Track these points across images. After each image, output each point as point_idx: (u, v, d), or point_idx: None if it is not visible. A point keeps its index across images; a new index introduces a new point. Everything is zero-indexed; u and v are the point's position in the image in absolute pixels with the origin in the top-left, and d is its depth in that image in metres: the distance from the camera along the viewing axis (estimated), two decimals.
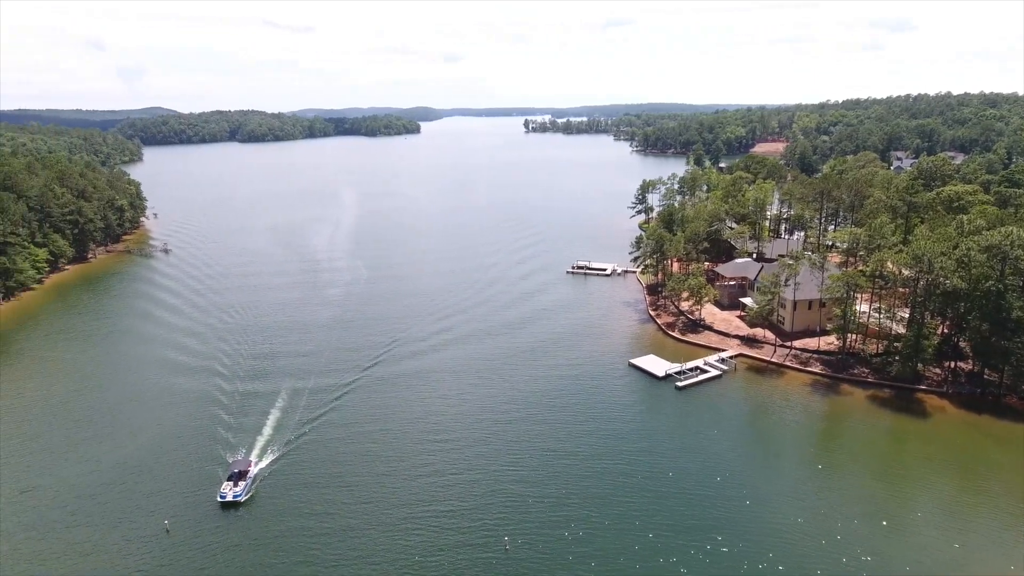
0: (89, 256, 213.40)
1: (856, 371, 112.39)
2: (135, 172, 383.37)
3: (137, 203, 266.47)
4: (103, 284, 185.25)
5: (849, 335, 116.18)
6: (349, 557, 69.41)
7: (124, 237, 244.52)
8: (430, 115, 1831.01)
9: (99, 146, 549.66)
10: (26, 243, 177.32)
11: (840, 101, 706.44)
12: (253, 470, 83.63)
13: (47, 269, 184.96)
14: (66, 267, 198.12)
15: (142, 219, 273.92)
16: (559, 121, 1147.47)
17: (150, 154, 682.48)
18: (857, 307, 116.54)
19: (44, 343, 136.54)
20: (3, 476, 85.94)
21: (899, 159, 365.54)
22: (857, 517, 74.97)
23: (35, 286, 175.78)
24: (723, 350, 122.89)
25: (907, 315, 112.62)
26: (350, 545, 71.33)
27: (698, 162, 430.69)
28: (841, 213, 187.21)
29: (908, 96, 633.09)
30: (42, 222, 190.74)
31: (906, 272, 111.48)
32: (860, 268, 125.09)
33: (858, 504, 77.64)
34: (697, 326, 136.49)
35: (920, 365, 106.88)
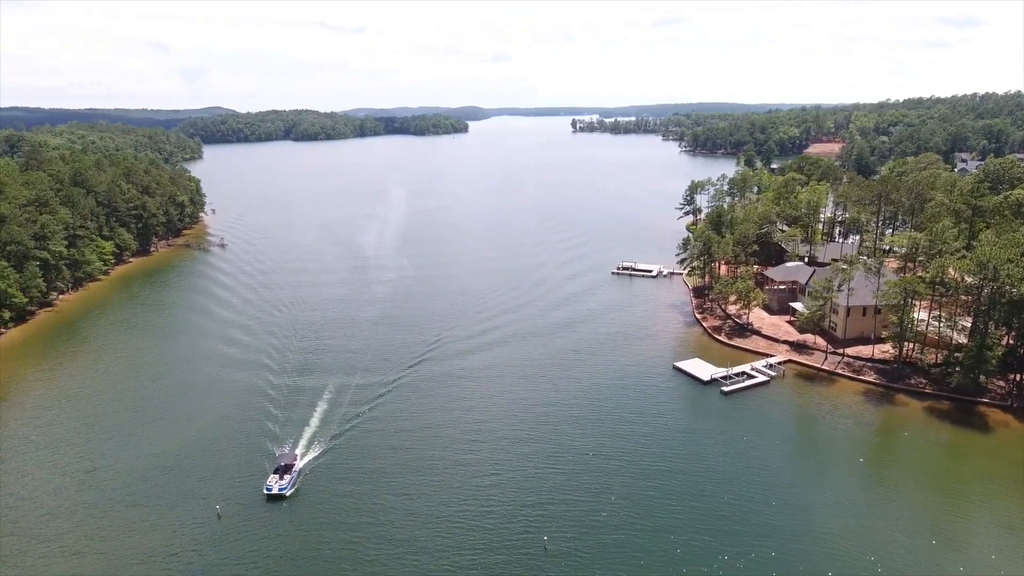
0: (152, 249, 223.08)
1: (913, 381, 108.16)
2: (195, 169, 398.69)
3: (197, 199, 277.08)
4: (163, 277, 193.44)
5: (906, 344, 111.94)
6: (389, 553, 70.67)
7: (184, 231, 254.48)
8: (478, 114, 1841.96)
9: (162, 144, 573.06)
10: (94, 236, 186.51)
11: (901, 100, 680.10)
12: (298, 464, 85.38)
13: (113, 261, 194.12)
14: (130, 259, 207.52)
15: (201, 214, 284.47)
16: (607, 121, 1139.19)
17: (209, 152, 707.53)
18: (915, 315, 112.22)
19: (108, 332, 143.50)
20: (69, 456, 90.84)
21: (963, 161, 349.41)
22: (909, 531, 72.33)
23: (101, 277, 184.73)
24: (771, 355, 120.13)
25: (969, 324, 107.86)
26: (390, 539, 72.68)
27: (749, 163, 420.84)
28: (900, 217, 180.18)
29: (975, 95, 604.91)
30: (109, 216, 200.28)
31: (969, 279, 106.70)
32: (919, 274, 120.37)
33: (911, 518, 74.88)
34: (744, 330, 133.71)
35: (983, 377, 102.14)
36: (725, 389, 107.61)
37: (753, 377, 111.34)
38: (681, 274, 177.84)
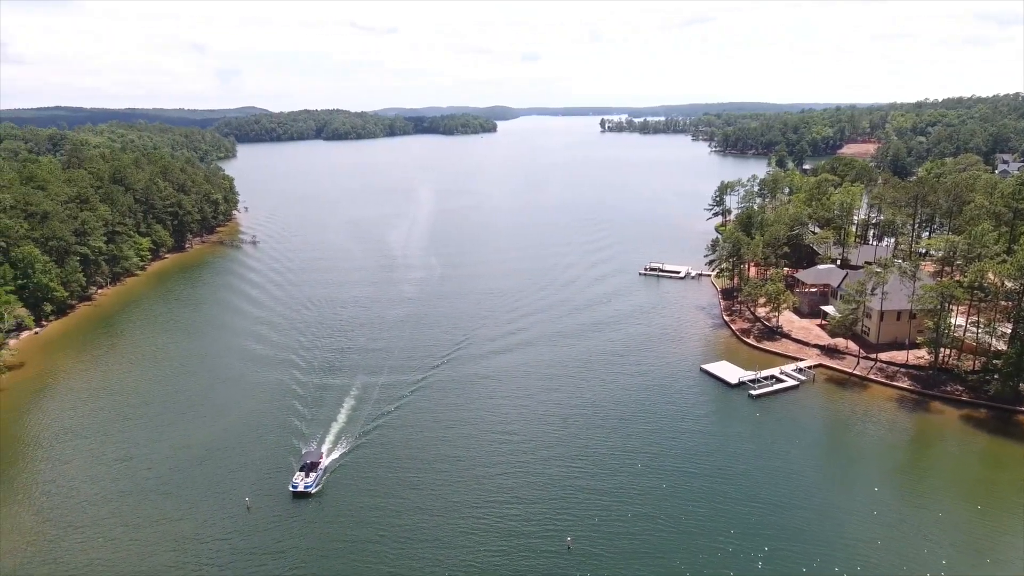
0: (186, 246, 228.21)
1: (948, 388, 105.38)
2: (229, 168, 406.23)
3: (230, 197, 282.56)
4: (197, 273, 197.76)
5: (942, 350, 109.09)
6: (413, 552, 71.15)
7: (218, 229, 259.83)
8: (507, 114, 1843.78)
9: (198, 143, 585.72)
10: (132, 232, 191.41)
11: (940, 100, 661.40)
12: (324, 462, 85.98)
13: (149, 257, 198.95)
14: (166, 256, 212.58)
15: (234, 212, 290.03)
16: (636, 121, 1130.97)
17: (243, 151, 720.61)
18: (952, 320, 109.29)
19: (143, 327, 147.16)
20: (105, 446, 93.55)
21: (1005, 162, 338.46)
22: (943, 543, 70.51)
23: (138, 272, 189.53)
24: (801, 359, 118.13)
25: (1009, 330, 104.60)
26: (414, 538, 73.22)
27: (780, 163, 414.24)
28: (937, 219, 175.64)
29: (1017, 95, 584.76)
30: (146, 213, 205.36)
31: (1009, 284, 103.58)
32: (957, 278, 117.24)
33: (945, 529, 72.99)
34: (774, 333, 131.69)
35: (1022, 385, 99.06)
36: (753, 392, 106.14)
37: (782, 381, 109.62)
38: (709, 276, 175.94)
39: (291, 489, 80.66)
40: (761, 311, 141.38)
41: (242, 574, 67.85)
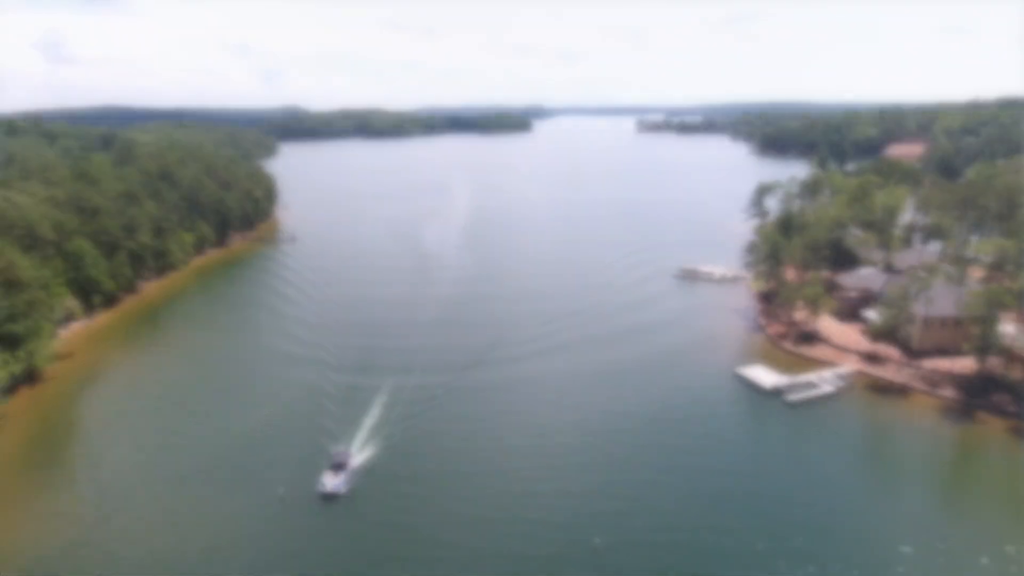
0: (228, 242, 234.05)
1: (996, 398, 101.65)
2: (271, 165, 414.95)
3: (271, 194, 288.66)
4: (237, 270, 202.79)
5: (989, 358, 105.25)
6: (439, 554, 71.35)
7: (258, 225, 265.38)
8: (544, 113, 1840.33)
9: (241, 141, 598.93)
10: (176, 228, 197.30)
11: (993, 99, 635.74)
12: (353, 462, 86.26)
13: (192, 252, 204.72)
14: (208, 251, 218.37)
15: (274, 209, 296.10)
16: (673, 120, 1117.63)
17: (284, 149, 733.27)
18: (1001, 327, 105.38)
19: (185, 321, 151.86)
20: (147, 434, 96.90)
21: None
22: (989, 557, 68.15)
23: (182, 267, 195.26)
24: (840, 365, 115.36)
25: None
26: (440, 540, 73.48)
27: (822, 164, 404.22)
28: (988, 223, 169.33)
29: None
30: (191, 210, 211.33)
31: None
32: (1007, 284, 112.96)
33: (991, 545, 70.45)
34: (812, 338, 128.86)
35: None
36: (789, 398, 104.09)
37: (819, 387, 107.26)
38: (746, 278, 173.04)
39: (319, 490, 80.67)
40: (799, 315, 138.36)
41: (273, 563, 69.59)
